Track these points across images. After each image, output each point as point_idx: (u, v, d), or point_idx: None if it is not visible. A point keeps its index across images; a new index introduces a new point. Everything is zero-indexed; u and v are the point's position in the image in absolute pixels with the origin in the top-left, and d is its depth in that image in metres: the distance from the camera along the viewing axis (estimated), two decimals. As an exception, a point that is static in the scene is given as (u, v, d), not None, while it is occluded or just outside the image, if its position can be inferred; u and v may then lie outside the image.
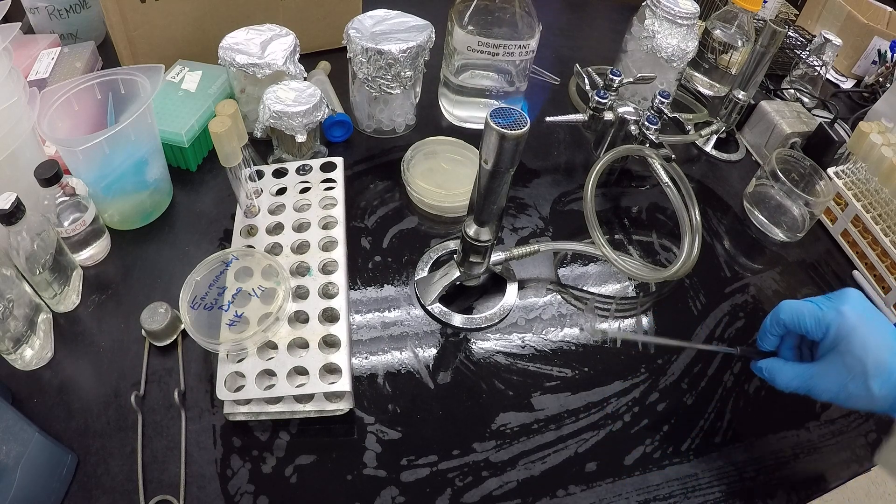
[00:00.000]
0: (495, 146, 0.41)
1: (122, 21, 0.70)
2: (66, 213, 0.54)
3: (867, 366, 0.42)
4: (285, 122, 0.62)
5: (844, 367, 0.43)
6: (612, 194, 0.75)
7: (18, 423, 0.41)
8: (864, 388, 0.42)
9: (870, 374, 0.41)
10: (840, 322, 0.43)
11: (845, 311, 0.44)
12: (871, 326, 0.43)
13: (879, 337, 0.43)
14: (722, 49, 0.88)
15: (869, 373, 0.42)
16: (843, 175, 0.75)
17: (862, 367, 0.42)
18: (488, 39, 0.68)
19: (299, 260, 0.56)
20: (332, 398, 0.48)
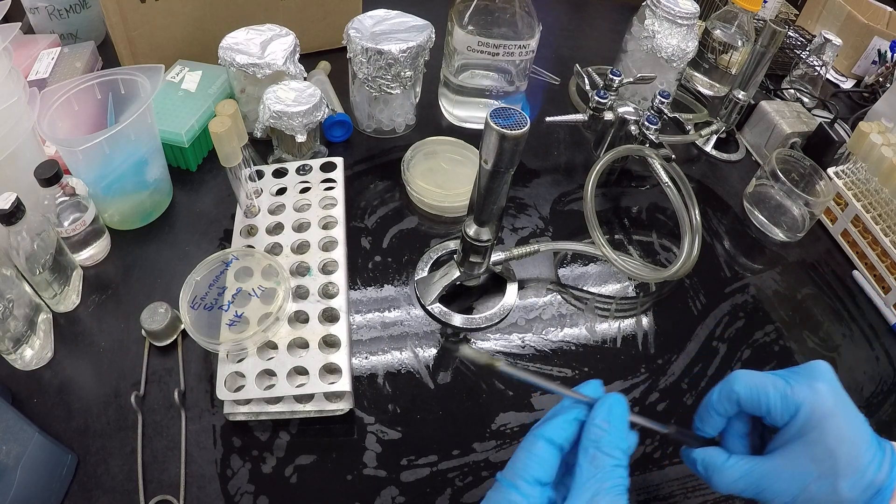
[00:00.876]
0: (495, 146, 0.41)
1: (122, 21, 0.70)
2: (66, 213, 0.54)
3: (838, 462, 0.33)
4: (285, 122, 0.62)
5: (811, 462, 0.34)
6: (612, 194, 0.75)
7: (18, 423, 0.41)
8: (830, 490, 0.34)
9: (840, 473, 0.33)
10: (814, 403, 0.34)
11: (821, 389, 0.35)
12: (847, 412, 0.35)
13: (855, 426, 0.34)
14: (722, 49, 0.88)
15: (840, 471, 0.33)
16: (843, 175, 0.75)
17: (832, 463, 0.33)
18: (488, 39, 0.68)
19: (299, 260, 0.56)
20: (332, 398, 0.48)
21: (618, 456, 0.33)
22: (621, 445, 0.33)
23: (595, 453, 0.33)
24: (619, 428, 0.34)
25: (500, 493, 0.33)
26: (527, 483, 0.33)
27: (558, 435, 0.34)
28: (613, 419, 0.34)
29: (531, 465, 0.33)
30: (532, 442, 0.34)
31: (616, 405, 0.34)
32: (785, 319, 0.65)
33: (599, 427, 0.33)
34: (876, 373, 0.62)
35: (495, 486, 0.34)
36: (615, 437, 0.33)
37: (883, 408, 0.59)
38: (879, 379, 0.61)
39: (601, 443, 0.33)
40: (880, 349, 0.64)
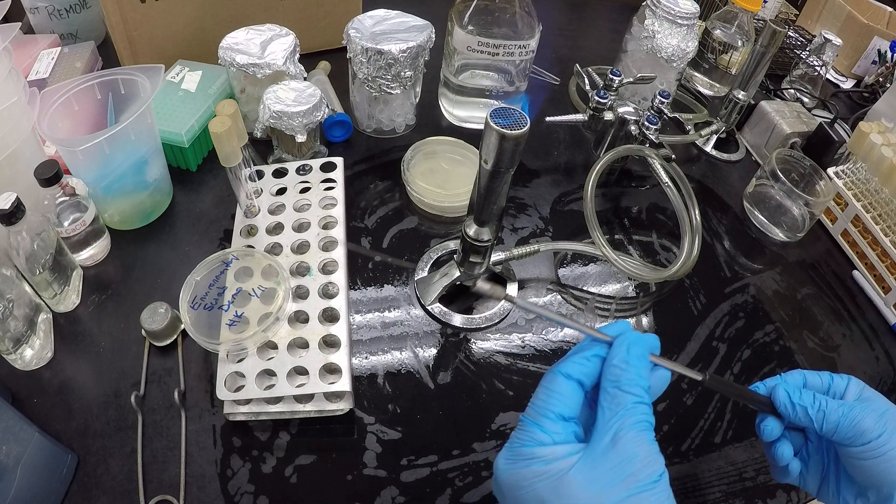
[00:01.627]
0: (495, 146, 0.41)
1: (122, 21, 0.70)
2: (66, 213, 0.54)
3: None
4: (285, 122, 0.62)
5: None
6: (612, 194, 0.75)
7: (18, 423, 0.41)
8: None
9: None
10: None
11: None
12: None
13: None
14: (722, 49, 0.88)
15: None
16: (843, 175, 0.75)
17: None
18: (488, 39, 0.68)
19: (299, 260, 0.56)
20: (332, 398, 0.48)
21: (638, 393, 0.32)
22: (641, 383, 0.32)
23: (615, 392, 0.32)
24: (638, 366, 0.33)
25: (525, 433, 0.32)
26: (550, 420, 0.32)
27: (577, 370, 0.34)
28: (632, 358, 0.33)
29: (552, 401, 0.33)
30: (551, 379, 0.34)
31: (635, 344, 0.34)
32: (785, 319, 0.65)
33: (617, 367, 0.33)
34: (876, 373, 0.62)
35: (519, 427, 0.33)
36: (634, 374, 0.32)
37: (883, 408, 0.59)
38: (879, 379, 0.61)
39: (620, 381, 0.32)
40: (880, 349, 0.64)
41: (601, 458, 0.30)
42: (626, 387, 0.32)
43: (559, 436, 0.32)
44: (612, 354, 0.34)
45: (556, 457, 0.31)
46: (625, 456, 0.30)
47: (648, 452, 0.31)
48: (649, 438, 0.31)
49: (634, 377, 0.32)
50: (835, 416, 0.37)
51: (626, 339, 0.34)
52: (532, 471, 0.31)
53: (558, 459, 0.31)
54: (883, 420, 0.36)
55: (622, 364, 0.33)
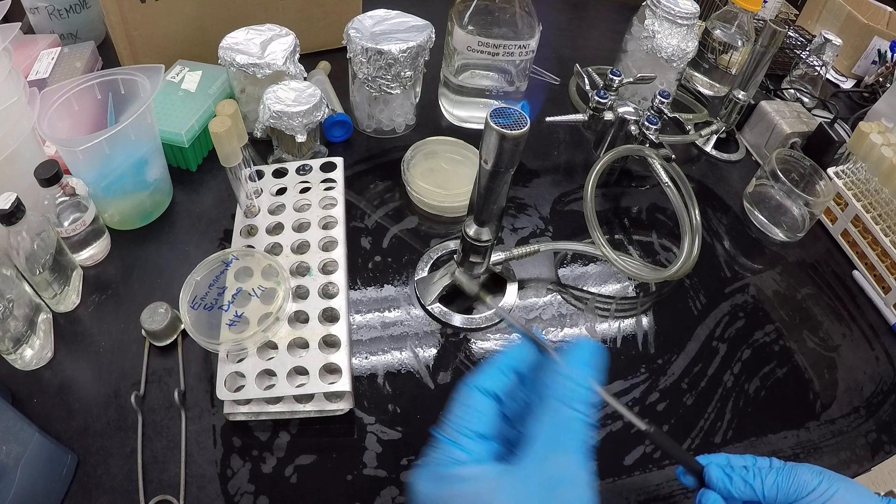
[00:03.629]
0: (495, 146, 0.41)
1: (122, 21, 0.69)
2: (66, 213, 0.54)
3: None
4: (285, 122, 0.62)
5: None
6: (612, 194, 0.75)
7: (18, 423, 0.41)
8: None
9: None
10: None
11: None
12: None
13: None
14: (722, 49, 0.88)
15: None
16: (843, 175, 0.75)
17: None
18: (488, 39, 0.68)
19: (299, 260, 0.56)
20: (332, 398, 0.48)
21: (583, 410, 0.30)
22: (587, 398, 0.30)
23: (558, 406, 0.30)
24: (586, 381, 0.31)
25: (443, 452, 0.30)
26: (467, 437, 0.30)
27: (493, 384, 0.32)
28: (580, 373, 0.31)
29: (468, 417, 0.31)
30: (467, 394, 0.32)
31: (585, 353, 0.32)
32: (785, 319, 0.65)
33: (566, 378, 0.31)
34: (876, 373, 0.62)
35: (435, 445, 0.31)
36: (582, 389, 0.30)
37: (883, 408, 0.59)
38: (879, 379, 0.61)
39: (564, 394, 0.30)
40: (880, 349, 0.64)
41: (529, 478, 0.28)
42: (570, 401, 0.30)
43: (478, 454, 0.30)
44: (559, 364, 0.32)
45: (476, 477, 0.29)
46: (556, 479, 0.28)
47: (583, 479, 0.28)
48: (586, 463, 0.29)
49: (582, 392, 0.30)
50: (772, 478, 0.37)
51: (576, 348, 0.32)
52: (452, 492, 0.29)
53: (479, 480, 0.29)
54: (817, 472, 0.37)
55: (570, 376, 0.31)
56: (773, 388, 0.58)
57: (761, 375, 0.59)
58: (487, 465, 0.30)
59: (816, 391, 0.59)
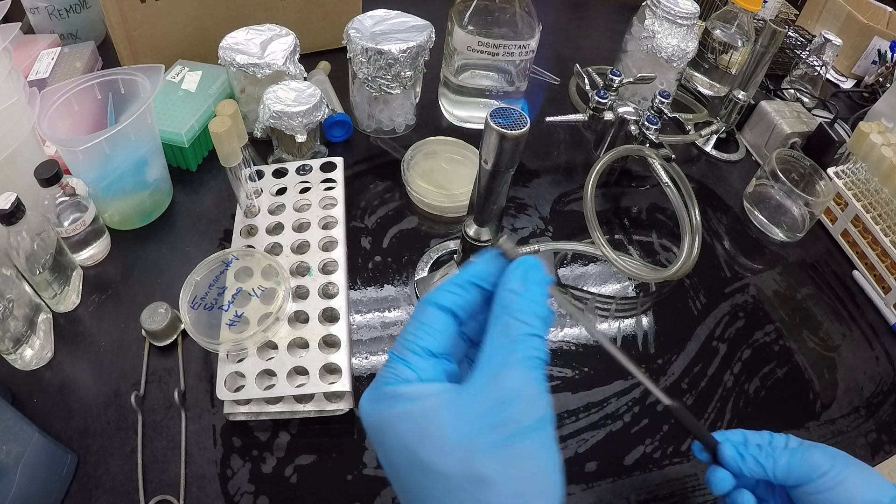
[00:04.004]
0: (495, 146, 0.41)
1: (122, 21, 0.69)
2: (66, 213, 0.54)
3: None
4: (285, 122, 0.62)
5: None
6: (612, 194, 0.75)
7: (18, 423, 0.41)
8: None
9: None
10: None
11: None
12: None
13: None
14: (722, 49, 0.88)
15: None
16: (843, 175, 0.75)
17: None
18: (488, 39, 0.68)
19: (299, 260, 0.56)
20: (332, 398, 0.48)
21: (533, 324, 0.28)
22: (538, 312, 0.28)
23: (507, 321, 0.28)
24: (536, 293, 0.29)
25: (389, 370, 0.29)
26: (416, 355, 0.29)
27: (450, 300, 0.30)
28: (530, 283, 0.29)
29: (420, 334, 0.29)
30: (421, 309, 0.30)
31: (533, 268, 0.30)
32: (785, 319, 0.65)
33: (512, 292, 0.29)
34: (876, 373, 0.62)
35: (385, 363, 0.29)
36: (531, 301, 0.28)
37: (883, 408, 0.59)
38: (879, 379, 0.61)
39: (513, 308, 0.28)
40: (880, 349, 0.64)
41: (477, 396, 0.27)
42: (519, 314, 0.28)
43: (427, 372, 0.28)
44: (506, 278, 0.30)
45: (422, 395, 0.27)
46: (506, 395, 0.26)
47: (534, 393, 0.26)
48: (537, 377, 0.27)
49: (531, 304, 0.28)
50: (784, 459, 0.37)
51: (524, 262, 0.30)
52: (395, 411, 0.27)
53: (425, 398, 0.27)
54: (830, 455, 0.36)
55: (518, 289, 0.29)
56: (773, 388, 0.58)
57: (761, 375, 0.59)
58: (433, 384, 0.28)
59: (816, 391, 0.59)
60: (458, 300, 0.30)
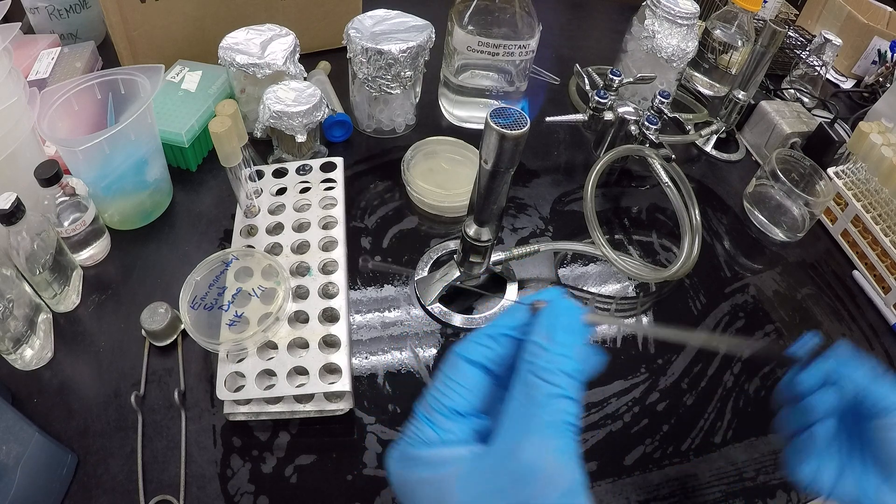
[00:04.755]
0: (495, 146, 0.41)
1: (122, 21, 0.70)
2: (66, 213, 0.54)
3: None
4: (285, 122, 0.62)
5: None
6: (612, 194, 0.75)
7: (18, 423, 0.41)
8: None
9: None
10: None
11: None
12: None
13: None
14: (722, 49, 0.88)
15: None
16: (843, 175, 0.75)
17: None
18: (488, 39, 0.68)
19: (299, 260, 0.56)
20: (332, 398, 0.48)
21: (558, 382, 0.25)
22: (566, 367, 0.25)
23: (529, 379, 0.25)
24: (564, 343, 0.26)
25: (414, 429, 0.27)
26: (442, 415, 0.26)
27: (481, 353, 0.27)
28: (557, 332, 0.26)
29: (447, 392, 0.27)
30: (450, 364, 0.28)
31: (562, 314, 0.27)
32: (785, 319, 0.65)
33: (536, 344, 0.26)
34: (876, 373, 0.62)
35: (412, 420, 0.28)
36: (556, 355, 0.25)
37: (883, 408, 0.59)
38: (879, 379, 0.61)
39: (536, 364, 0.25)
40: (880, 349, 0.64)
41: (496, 469, 0.24)
42: (543, 372, 0.25)
43: (452, 434, 0.26)
44: (531, 327, 0.27)
45: (442, 462, 0.25)
46: (524, 470, 0.24)
47: (557, 466, 0.23)
48: (563, 446, 0.24)
49: (557, 359, 0.25)
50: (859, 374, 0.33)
51: (552, 308, 0.27)
52: (416, 476, 0.26)
53: (444, 466, 0.25)
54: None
55: (542, 339, 0.26)
56: (773, 388, 0.58)
57: (761, 375, 0.59)
58: (456, 449, 0.26)
59: (816, 391, 0.59)
60: (488, 353, 0.28)
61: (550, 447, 0.24)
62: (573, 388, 0.25)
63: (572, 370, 0.25)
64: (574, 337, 0.26)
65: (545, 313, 0.27)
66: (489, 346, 0.28)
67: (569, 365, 0.25)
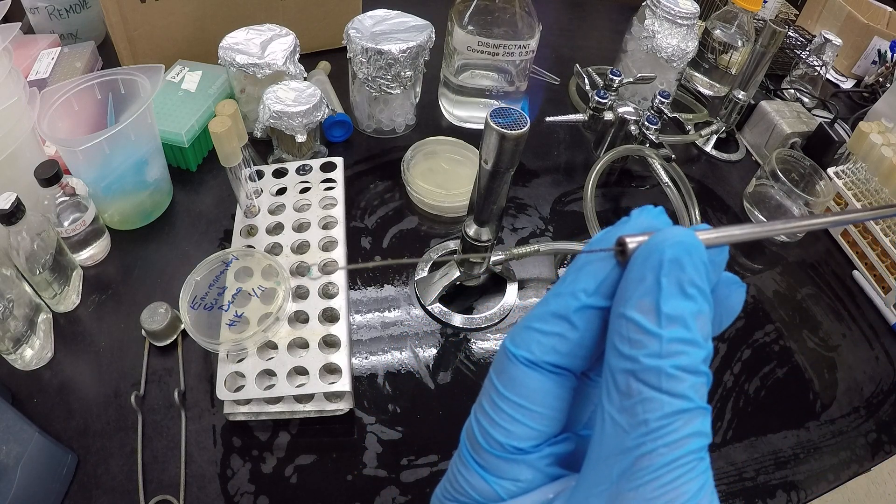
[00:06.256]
0: (495, 146, 0.41)
1: (122, 21, 0.70)
2: (66, 213, 0.54)
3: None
4: (285, 122, 0.62)
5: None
6: (612, 194, 0.75)
7: (18, 423, 0.41)
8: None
9: None
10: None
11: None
12: None
13: None
14: (722, 49, 0.88)
15: None
16: (843, 175, 0.75)
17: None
18: (488, 39, 0.68)
19: (299, 260, 0.56)
20: (332, 398, 0.48)
21: (681, 391, 0.15)
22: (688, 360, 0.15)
23: (632, 387, 0.15)
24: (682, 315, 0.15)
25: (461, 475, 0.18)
26: (495, 455, 0.17)
27: (546, 346, 0.17)
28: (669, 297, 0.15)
29: (501, 418, 0.17)
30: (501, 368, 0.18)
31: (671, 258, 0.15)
32: (785, 319, 0.65)
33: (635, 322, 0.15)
34: (876, 373, 0.62)
35: (456, 459, 0.19)
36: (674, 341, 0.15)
37: (883, 408, 0.59)
38: (879, 379, 0.61)
39: (640, 363, 0.15)
40: (880, 349, 0.64)
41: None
42: (652, 376, 0.15)
43: (516, 481, 0.17)
44: (624, 290, 0.16)
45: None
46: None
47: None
48: (693, 491, 0.15)
49: (674, 347, 0.15)
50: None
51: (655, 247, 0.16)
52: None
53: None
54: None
55: (645, 315, 0.15)
56: (773, 388, 0.58)
57: (761, 375, 0.59)
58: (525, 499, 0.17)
59: (816, 391, 0.59)
60: (560, 344, 0.17)
61: (682, 493, 0.14)
62: (703, 392, 0.15)
63: (699, 361, 0.15)
64: (696, 297, 0.15)
65: (643, 263, 0.16)
66: (559, 333, 0.17)
67: (693, 354, 0.15)
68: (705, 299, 0.16)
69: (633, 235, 0.16)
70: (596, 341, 0.17)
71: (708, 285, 0.16)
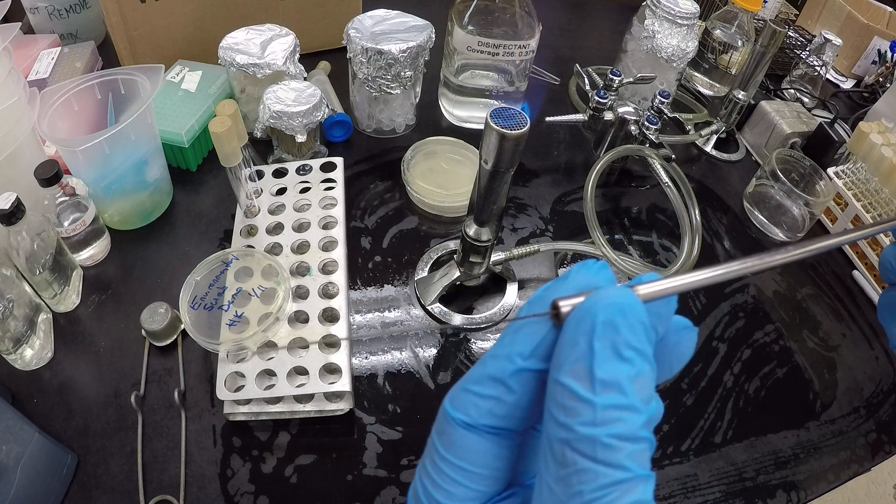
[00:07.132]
0: (495, 146, 0.41)
1: (122, 21, 0.69)
2: (66, 213, 0.54)
3: None
4: (285, 122, 0.62)
5: None
6: (612, 194, 0.75)
7: (18, 423, 0.41)
8: None
9: None
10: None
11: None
12: None
13: None
14: (722, 49, 0.88)
15: None
16: (843, 175, 0.75)
17: None
18: (488, 39, 0.68)
19: (299, 260, 0.56)
20: (332, 398, 0.48)
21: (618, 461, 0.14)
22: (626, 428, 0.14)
23: (567, 457, 0.15)
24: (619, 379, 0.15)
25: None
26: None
27: (483, 410, 0.17)
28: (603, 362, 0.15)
29: (442, 481, 0.17)
30: (441, 431, 0.18)
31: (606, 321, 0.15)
32: (785, 319, 0.65)
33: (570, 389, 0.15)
34: (876, 373, 0.62)
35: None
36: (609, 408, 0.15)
37: (883, 408, 0.59)
38: (879, 379, 0.61)
39: (575, 431, 0.15)
40: (880, 349, 0.64)
41: None
42: (587, 446, 0.14)
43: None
44: (560, 354, 0.16)
45: None
46: None
47: None
48: None
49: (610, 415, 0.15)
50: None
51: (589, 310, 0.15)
52: None
53: None
54: None
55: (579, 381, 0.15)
56: (773, 388, 0.58)
57: (761, 375, 0.59)
58: None
59: (816, 391, 0.59)
60: (497, 407, 0.17)
61: None
62: (643, 459, 0.14)
63: (638, 427, 0.14)
64: (633, 359, 0.15)
65: (576, 326, 0.15)
66: (495, 396, 0.17)
67: (631, 421, 0.14)
68: (644, 360, 0.15)
69: (568, 298, 0.16)
70: (533, 403, 0.17)
71: (649, 343, 0.16)
